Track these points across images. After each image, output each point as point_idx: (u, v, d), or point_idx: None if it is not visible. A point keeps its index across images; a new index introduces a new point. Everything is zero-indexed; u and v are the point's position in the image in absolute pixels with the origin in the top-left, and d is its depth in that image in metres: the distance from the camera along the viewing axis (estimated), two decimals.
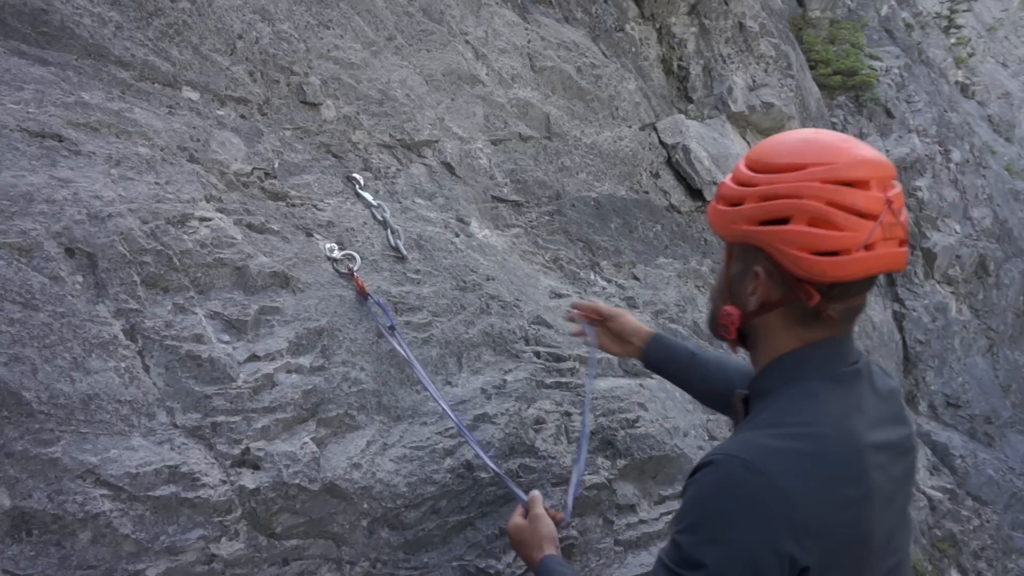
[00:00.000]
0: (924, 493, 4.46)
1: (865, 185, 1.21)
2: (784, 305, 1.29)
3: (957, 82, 9.52)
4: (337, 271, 1.89)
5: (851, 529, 1.21)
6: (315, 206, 1.99)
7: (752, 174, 1.29)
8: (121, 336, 1.42)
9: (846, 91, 6.30)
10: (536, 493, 1.76)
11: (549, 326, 2.32)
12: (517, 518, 1.71)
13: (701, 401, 1.91)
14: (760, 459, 1.19)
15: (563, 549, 1.98)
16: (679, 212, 3.67)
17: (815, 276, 1.23)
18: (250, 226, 1.78)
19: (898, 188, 1.26)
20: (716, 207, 1.35)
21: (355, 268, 1.90)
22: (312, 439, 1.60)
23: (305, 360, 1.67)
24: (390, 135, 2.34)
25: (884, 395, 1.36)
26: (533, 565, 1.61)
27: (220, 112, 1.92)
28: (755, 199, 1.27)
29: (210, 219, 1.68)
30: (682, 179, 3.78)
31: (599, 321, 1.92)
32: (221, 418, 1.48)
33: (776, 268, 1.26)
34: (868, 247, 1.21)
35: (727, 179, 1.34)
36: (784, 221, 1.23)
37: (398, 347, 1.85)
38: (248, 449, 1.49)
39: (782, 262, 1.25)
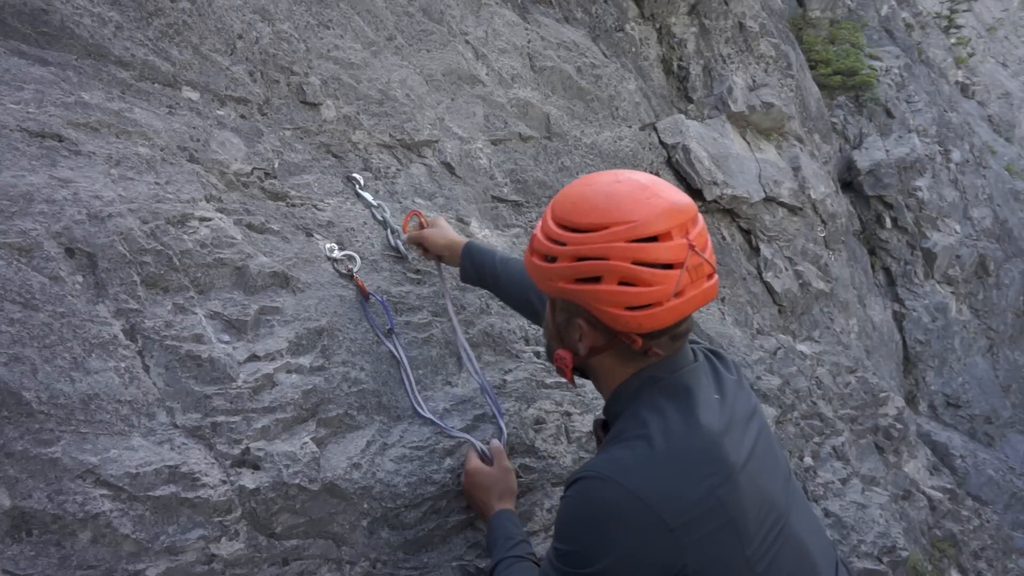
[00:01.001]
0: (924, 493, 4.46)
1: (667, 236, 1.26)
2: (612, 348, 1.37)
3: (957, 82, 9.52)
4: (337, 271, 1.89)
5: (719, 514, 1.26)
6: (315, 206, 1.99)
7: (560, 231, 1.32)
8: (121, 336, 1.42)
9: (846, 91, 6.30)
10: (497, 444, 1.82)
11: None
12: (479, 462, 1.77)
13: (514, 309, 1.97)
14: (614, 471, 1.27)
15: None
16: None
17: (632, 329, 1.30)
18: (250, 226, 1.78)
19: (699, 225, 1.31)
20: (531, 260, 1.39)
21: (355, 269, 1.90)
22: (312, 439, 1.60)
23: (305, 360, 1.67)
24: (390, 135, 2.34)
25: (723, 377, 1.44)
26: (489, 511, 1.68)
27: (220, 112, 1.92)
28: (566, 259, 1.31)
29: (210, 219, 1.68)
30: (682, 179, 3.78)
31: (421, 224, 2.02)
32: (221, 418, 1.48)
33: (596, 321, 1.33)
34: (679, 294, 1.27)
35: (538, 231, 1.38)
36: (596, 279, 1.28)
37: (393, 351, 1.85)
38: (248, 449, 1.49)
39: (600, 317, 1.31)
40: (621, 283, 1.27)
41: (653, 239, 1.26)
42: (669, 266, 1.26)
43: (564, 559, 1.30)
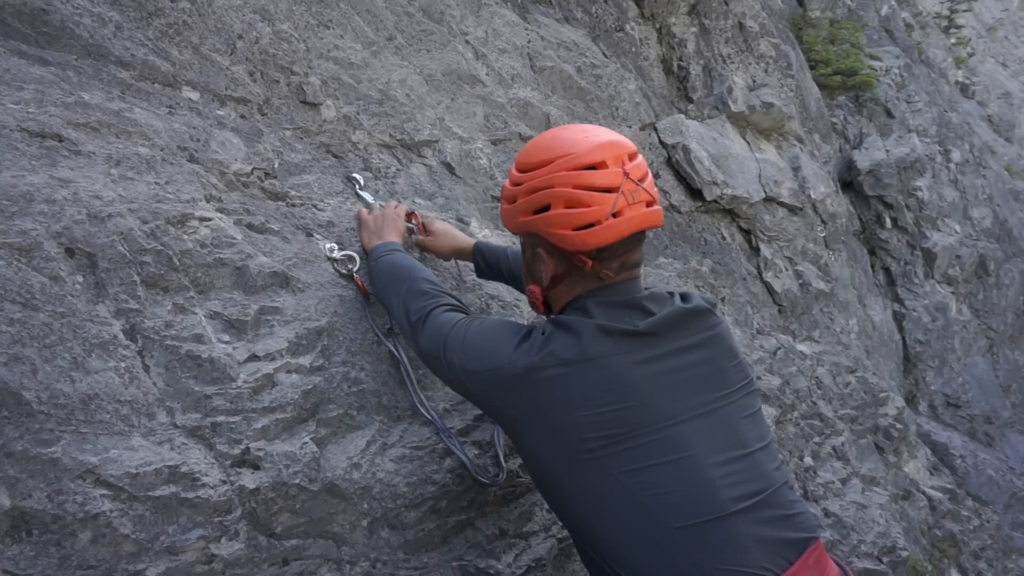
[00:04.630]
0: (924, 493, 4.46)
1: (603, 165, 1.47)
2: (570, 275, 1.56)
3: (957, 82, 9.53)
4: (337, 271, 1.89)
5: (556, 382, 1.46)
6: (315, 206, 1.99)
7: (519, 174, 1.56)
8: (121, 336, 1.42)
9: (846, 91, 6.31)
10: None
11: None
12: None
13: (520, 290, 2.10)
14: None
15: (562, 549, 1.98)
16: (679, 212, 3.68)
17: (579, 247, 1.49)
18: (250, 226, 1.78)
19: (637, 161, 1.52)
20: (502, 207, 1.62)
21: (355, 269, 1.90)
22: (312, 439, 1.60)
23: (305, 360, 1.67)
24: (390, 135, 2.34)
25: (674, 308, 1.54)
26: (385, 239, 1.91)
27: (220, 112, 1.92)
28: (524, 194, 1.54)
29: (210, 219, 1.68)
30: (682, 179, 3.78)
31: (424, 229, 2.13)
32: (221, 418, 1.48)
33: (552, 247, 1.53)
34: (616, 215, 1.46)
35: (506, 182, 1.61)
36: (547, 208, 1.50)
37: (394, 350, 1.85)
38: (248, 449, 1.49)
39: (553, 241, 1.52)
40: (567, 207, 1.47)
41: (591, 167, 1.47)
42: (607, 191, 1.46)
43: (461, 352, 1.56)
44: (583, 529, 1.49)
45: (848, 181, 6.10)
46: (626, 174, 1.47)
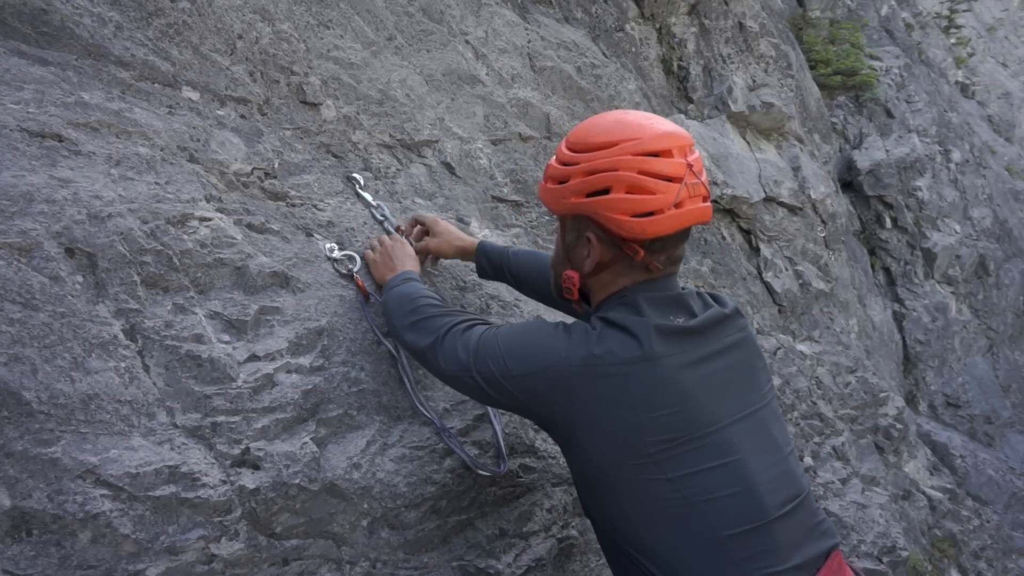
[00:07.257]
0: (924, 493, 4.46)
1: (668, 154, 1.44)
2: (617, 263, 1.51)
3: (957, 82, 9.52)
4: (337, 271, 1.89)
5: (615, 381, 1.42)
6: (315, 206, 1.99)
7: (573, 154, 1.50)
8: (121, 336, 1.42)
9: (846, 91, 6.31)
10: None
11: None
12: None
13: (529, 295, 2.07)
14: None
15: (562, 549, 1.98)
16: None
17: (637, 235, 1.45)
18: (250, 226, 1.78)
19: (696, 154, 1.49)
20: (546, 186, 1.56)
21: (355, 269, 1.90)
22: (312, 439, 1.60)
23: (305, 360, 1.67)
24: (390, 135, 2.34)
25: (714, 309, 1.55)
26: (397, 271, 1.86)
27: (220, 112, 1.92)
28: (579, 175, 1.47)
29: (210, 219, 1.68)
30: None
31: (424, 230, 2.08)
32: (221, 418, 1.48)
33: (605, 232, 1.48)
34: (678, 205, 1.44)
35: (552, 161, 1.55)
36: (606, 191, 1.45)
37: (392, 350, 1.85)
38: (248, 449, 1.49)
39: (608, 227, 1.46)
40: (628, 192, 1.42)
41: (656, 155, 1.43)
42: (670, 180, 1.42)
43: (499, 359, 1.50)
44: (623, 527, 1.46)
45: (848, 181, 6.10)
46: (689, 166, 1.44)
